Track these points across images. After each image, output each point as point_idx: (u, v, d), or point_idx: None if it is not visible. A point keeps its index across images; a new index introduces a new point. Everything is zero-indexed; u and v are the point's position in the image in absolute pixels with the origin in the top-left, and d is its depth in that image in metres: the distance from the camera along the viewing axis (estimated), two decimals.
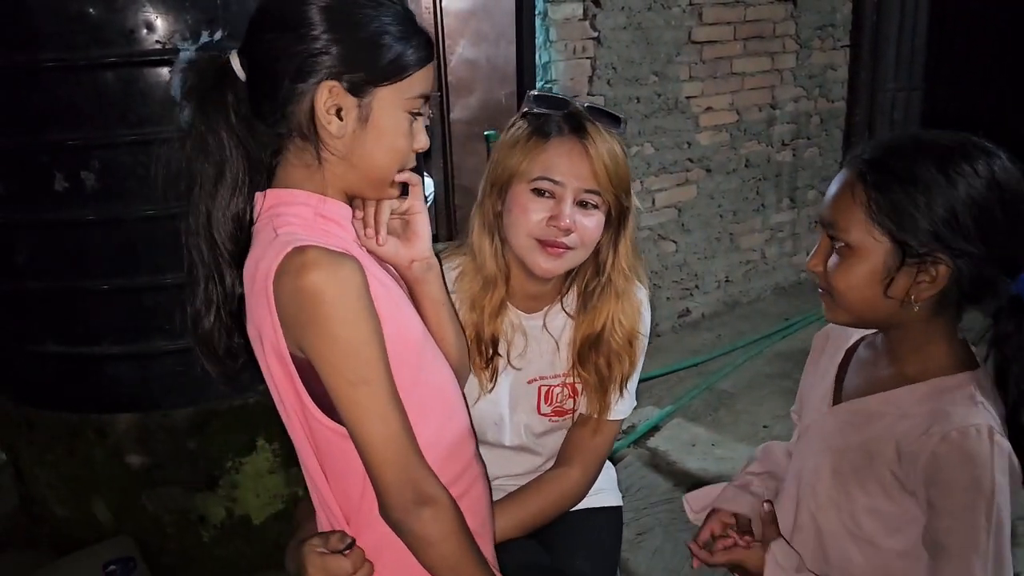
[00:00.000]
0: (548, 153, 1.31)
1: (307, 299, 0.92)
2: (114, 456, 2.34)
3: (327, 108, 0.97)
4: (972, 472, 0.99)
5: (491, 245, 1.39)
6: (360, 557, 1.05)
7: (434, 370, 1.11)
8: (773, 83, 4.19)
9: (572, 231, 1.31)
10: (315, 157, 1.00)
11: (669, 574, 2.41)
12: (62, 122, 2.08)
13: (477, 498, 1.15)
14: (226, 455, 2.36)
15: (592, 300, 1.41)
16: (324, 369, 0.95)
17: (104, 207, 2.11)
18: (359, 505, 1.05)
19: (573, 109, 1.34)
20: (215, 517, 2.41)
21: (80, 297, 2.21)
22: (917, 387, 1.08)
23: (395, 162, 1.03)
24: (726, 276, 4.30)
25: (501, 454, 1.49)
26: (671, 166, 3.90)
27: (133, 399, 2.29)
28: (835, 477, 1.14)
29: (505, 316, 1.43)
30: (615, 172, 1.32)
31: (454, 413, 1.14)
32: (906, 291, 1.04)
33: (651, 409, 3.34)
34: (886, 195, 1.03)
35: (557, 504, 1.46)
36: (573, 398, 1.46)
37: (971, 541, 0.99)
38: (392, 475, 0.98)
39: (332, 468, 1.05)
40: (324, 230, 1.01)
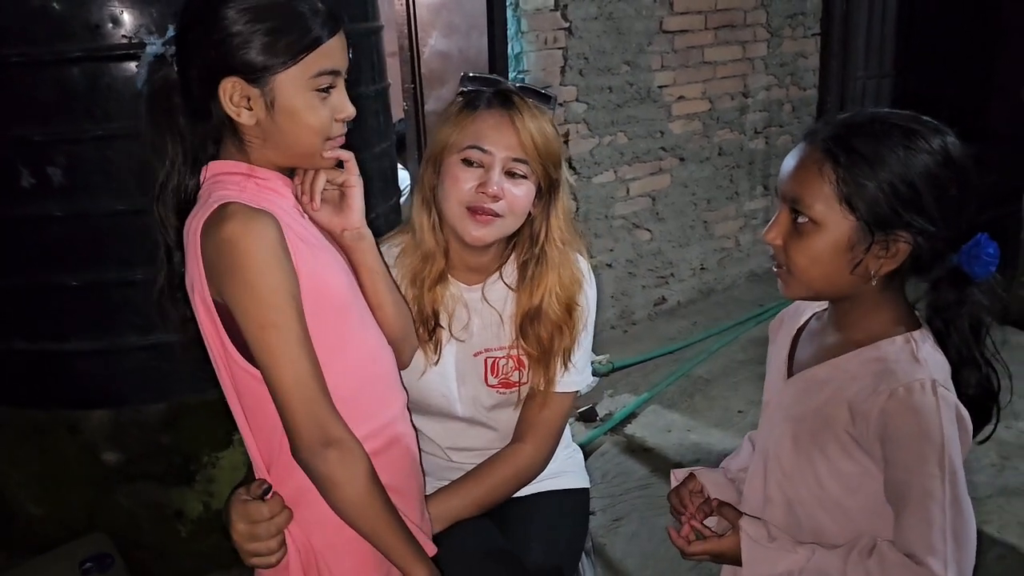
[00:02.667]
0: (477, 124, 1.37)
1: (224, 248, 1.01)
2: (87, 453, 2.33)
3: (235, 102, 1.06)
4: (920, 424, 1.03)
5: (429, 219, 1.43)
6: (278, 503, 1.12)
7: (358, 328, 1.18)
8: (745, 72, 4.21)
9: (500, 198, 1.36)
10: (241, 142, 1.10)
11: (645, 559, 2.43)
12: (27, 117, 2.06)
13: (397, 458, 1.21)
14: (202, 449, 2.36)
15: (528, 273, 1.46)
16: (238, 313, 1.03)
17: (71, 203, 2.10)
18: (279, 454, 1.11)
19: (503, 86, 1.40)
20: (192, 512, 2.41)
21: (48, 293, 2.19)
22: (863, 351, 1.12)
23: (314, 137, 1.10)
24: (701, 264, 4.33)
25: (453, 426, 1.52)
26: (644, 155, 3.92)
27: (105, 395, 2.28)
28: (796, 445, 1.18)
29: (446, 289, 1.47)
30: (543, 144, 1.37)
31: (378, 373, 1.20)
32: (868, 267, 1.07)
33: (627, 396, 3.36)
34: (854, 173, 1.05)
35: (511, 479, 1.48)
36: (519, 370, 1.49)
37: (927, 490, 1.02)
38: (300, 415, 1.04)
39: (253, 416, 1.12)
40: (256, 192, 1.09)
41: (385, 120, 2.76)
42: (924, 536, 1.02)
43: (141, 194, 2.07)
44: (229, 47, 1.03)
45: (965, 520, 1.03)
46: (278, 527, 1.12)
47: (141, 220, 2.09)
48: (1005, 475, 2.67)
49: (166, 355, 2.23)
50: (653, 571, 2.38)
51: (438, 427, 1.52)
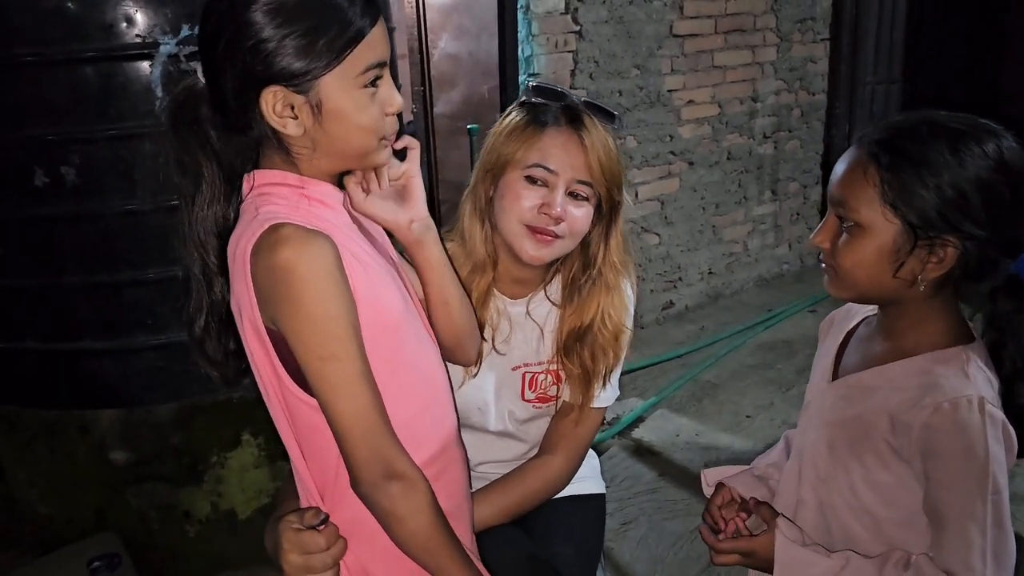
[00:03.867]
0: (544, 142, 1.33)
1: (279, 274, 0.94)
2: (97, 452, 2.33)
3: (278, 112, 0.97)
4: (965, 442, 1.01)
5: (481, 230, 1.40)
6: (334, 533, 1.06)
7: (415, 350, 1.11)
8: (754, 76, 4.21)
9: (562, 220, 1.33)
10: (287, 153, 1.01)
11: (653, 563, 2.43)
12: (41, 117, 2.07)
13: (453, 481, 1.16)
14: (211, 450, 2.36)
15: (581, 293, 1.42)
16: (295, 344, 0.96)
17: (84, 203, 2.10)
18: (334, 481, 1.06)
19: (570, 102, 1.36)
20: (200, 512, 2.41)
21: (61, 293, 2.19)
22: (911, 361, 1.10)
23: (367, 136, 1.02)
24: (709, 268, 4.32)
25: (484, 439, 1.50)
26: (653, 159, 3.91)
27: (116, 395, 2.28)
28: (832, 451, 1.16)
29: (491, 301, 1.44)
30: (608, 166, 1.34)
31: (435, 394, 1.14)
32: (914, 271, 1.06)
33: (635, 400, 3.35)
34: (899, 176, 1.04)
35: (540, 492, 1.47)
36: (557, 385, 1.47)
37: (968, 509, 1.01)
38: (361, 450, 0.99)
39: (307, 443, 1.06)
40: (308, 210, 1.01)
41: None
42: (963, 555, 1.00)
43: (153, 195, 2.11)
44: (263, 54, 0.93)
45: (1006, 540, 1.01)
46: (334, 559, 1.06)
47: (154, 220, 2.13)
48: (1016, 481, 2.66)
49: (177, 355, 2.23)
50: (662, 575, 2.37)
51: (470, 439, 1.49)
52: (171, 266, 2.15)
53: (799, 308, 4.15)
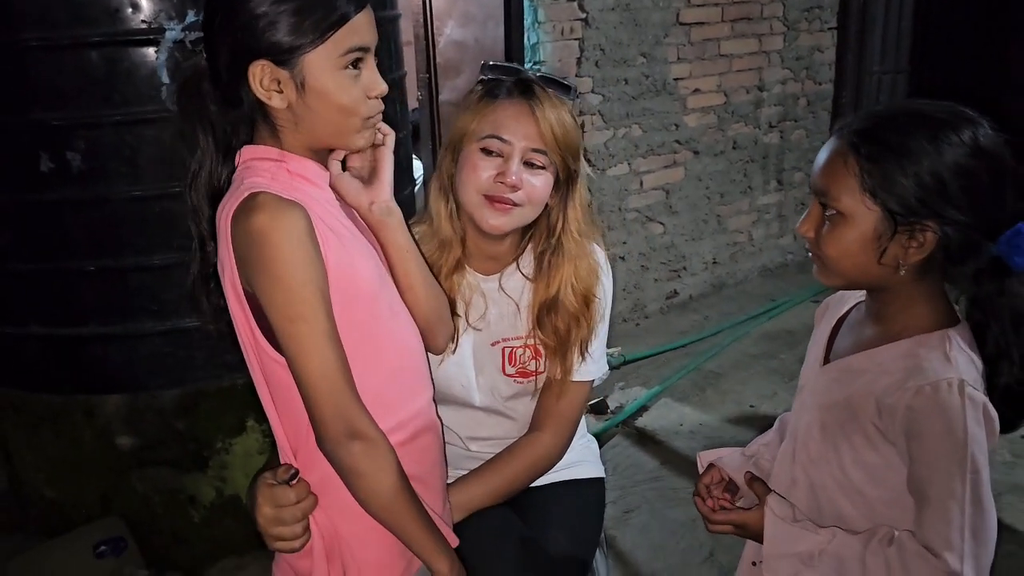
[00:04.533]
0: (497, 113, 1.37)
1: (253, 239, 1.00)
2: (103, 437, 2.34)
3: (264, 85, 1.04)
4: (945, 423, 1.04)
5: (446, 207, 1.43)
6: (304, 488, 1.12)
7: (388, 320, 1.16)
8: (760, 65, 4.20)
9: (519, 188, 1.36)
10: (273, 127, 1.08)
11: (655, 550, 2.44)
12: (46, 102, 2.07)
13: (423, 448, 1.21)
14: (216, 436, 2.37)
15: (545, 263, 1.46)
16: (266, 304, 1.03)
17: (90, 188, 2.10)
18: (306, 440, 1.10)
19: (524, 76, 1.40)
20: (205, 497, 2.42)
21: (66, 278, 2.20)
22: (897, 344, 1.13)
23: (347, 116, 1.08)
24: (713, 258, 4.32)
25: (472, 415, 1.53)
26: (659, 148, 3.91)
27: (121, 380, 2.29)
28: (823, 432, 1.19)
29: (463, 278, 1.47)
30: (563, 135, 1.37)
31: (407, 363, 1.19)
32: (896, 257, 1.09)
33: (638, 390, 3.36)
34: (877, 165, 1.06)
35: (530, 469, 1.49)
36: (536, 359, 1.49)
37: (948, 488, 1.03)
38: (325, 408, 1.04)
39: (280, 403, 1.12)
40: (288, 182, 1.07)
41: (401, 109, 2.76)
42: (942, 532, 1.03)
43: (159, 180, 2.11)
44: (255, 30, 1.01)
45: (985, 518, 1.04)
46: (304, 512, 1.12)
47: (159, 206, 2.13)
48: (1016, 472, 2.67)
49: (182, 341, 2.24)
50: (663, 563, 2.38)
51: (457, 416, 1.52)
52: (176, 252, 2.15)
53: (803, 298, 4.15)
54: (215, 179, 1.11)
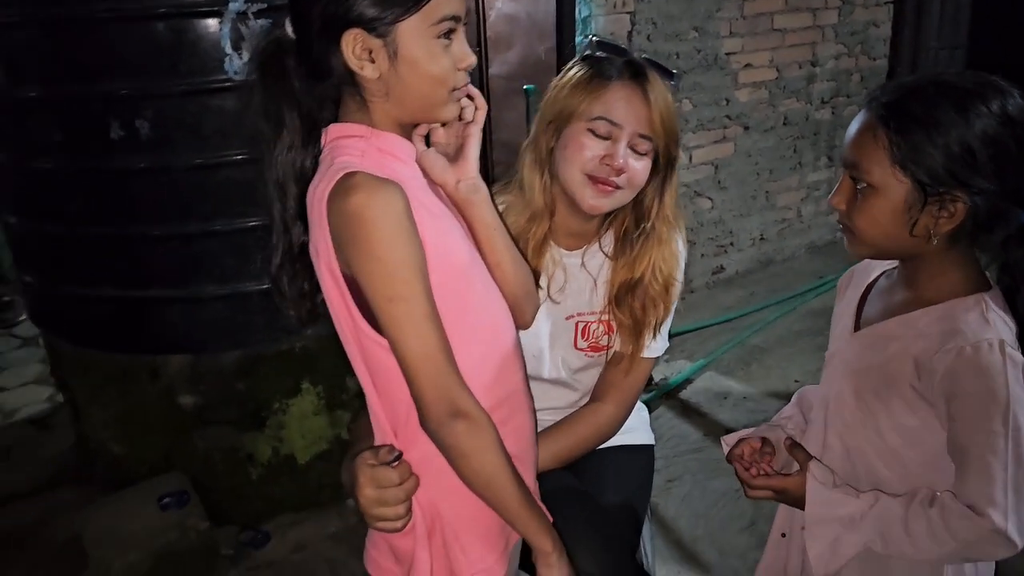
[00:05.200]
0: (609, 95, 1.36)
1: (351, 220, 0.98)
2: (166, 396, 2.44)
3: (357, 55, 1.02)
4: (986, 383, 1.06)
5: (540, 180, 1.44)
6: (406, 469, 1.10)
7: (482, 297, 1.15)
8: (814, 40, 4.15)
9: (623, 172, 1.37)
10: (363, 100, 1.06)
11: (697, 518, 2.48)
12: (116, 72, 2.14)
13: (519, 427, 1.19)
14: (273, 397, 2.46)
15: (634, 246, 1.47)
16: (365, 285, 1.01)
17: (157, 156, 2.18)
18: (406, 420, 1.10)
19: (633, 57, 1.39)
20: (262, 456, 2.52)
21: (133, 243, 2.29)
22: (932, 309, 1.15)
23: (437, 87, 1.06)
24: (761, 234, 4.30)
25: (538, 387, 1.54)
26: (709, 123, 3.89)
27: (184, 342, 2.38)
28: (858, 398, 1.22)
29: (547, 251, 1.49)
30: (668, 122, 1.38)
31: (501, 341, 1.18)
32: (927, 227, 1.11)
33: (683, 363, 3.39)
34: (906, 137, 1.08)
35: (591, 438, 1.53)
36: (608, 335, 1.52)
37: (990, 446, 1.05)
38: (428, 388, 1.03)
39: (380, 383, 1.11)
40: (379, 161, 1.05)
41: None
42: (986, 490, 1.05)
43: (221, 149, 2.18)
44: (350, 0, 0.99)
45: None
46: (407, 493, 1.10)
47: (221, 174, 2.20)
48: None
49: (242, 305, 2.32)
50: (704, 531, 2.42)
51: None
52: (238, 219, 2.23)
53: None
54: (301, 158, 1.09)
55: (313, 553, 2.41)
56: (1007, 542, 1.04)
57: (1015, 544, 1.04)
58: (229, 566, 2.35)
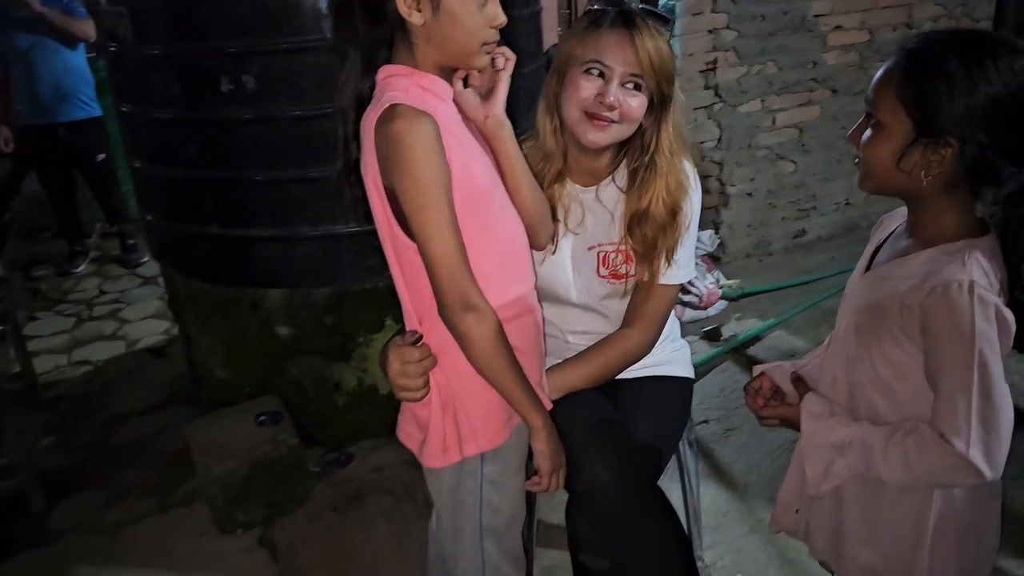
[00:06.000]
0: (600, 41, 1.53)
1: (392, 142, 1.20)
2: (265, 326, 2.71)
3: (407, 4, 1.22)
4: (954, 320, 1.14)
5: (551, 123, 1.62)
6: (426, 350, 1.34)
7: (499, 216, 1.36)
8: (911, 1, 4.06)
9: (615, 107, 1.53)
10: (410, 43, 1.27)
11: (751, 466, 2.59)
12: (227, 31, 2.36)
13: (525, 326, 1.42)
14: (358, 331, 2.69)
15: (638, 178, 1.62)
16: (401, 196, 1.23)
17: (260, 107, 2.40)
18: (429, 311, 1.32)
19: (626, 7, 1.55)
20: (348, 385, 2.76)
21: (238, 186, 2.53)
22: (923, 253, 1.24)
23: (472, 38, 1.26)
24: (846, 199, 4.28)
25: (571, 312, 1.74)
26: (794, 85, 3.90)
27: (281, 277, 2.63)
28: (858, 334, 1.32)
29: (564, 188, 1.66)
30: (658, 62, 1.53)
31: (513, 254, 1.40)
32: (917, 166, 1.19)
33: (754, 321, 3.46)
34: (912, 79, 1.17)
35: (620, 359, 1.69)
36: (627, 263, 1.68)
37: (957, 380, 1.15)
38: (445, 282, 1.25)
39: (409, 279, 1.34)
40: (420, 96, 1.26)
41: (536, 42, 2.93)
42: (951, 419, 1.15)
43: (317, 102, 2.39)
44: None
45: (996, 409, 1.14)
46: (425, 368, 1.34)
47: (317, 125, 2.43)
48: None
49: (332, 246, 2.54)
50: (757, 477, 2.53)
51: (557, 312, 1.74)
52: (330, 166, 2.42)
53: None
54: (360, 88, 1.30)
55: (390, 474, 2.64)
56: (973, 469, 1.13)
57: (982, 472, 1.13)
58: (315, 480, 2.61)
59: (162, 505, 2.65)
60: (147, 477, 2.82)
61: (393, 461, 2.70)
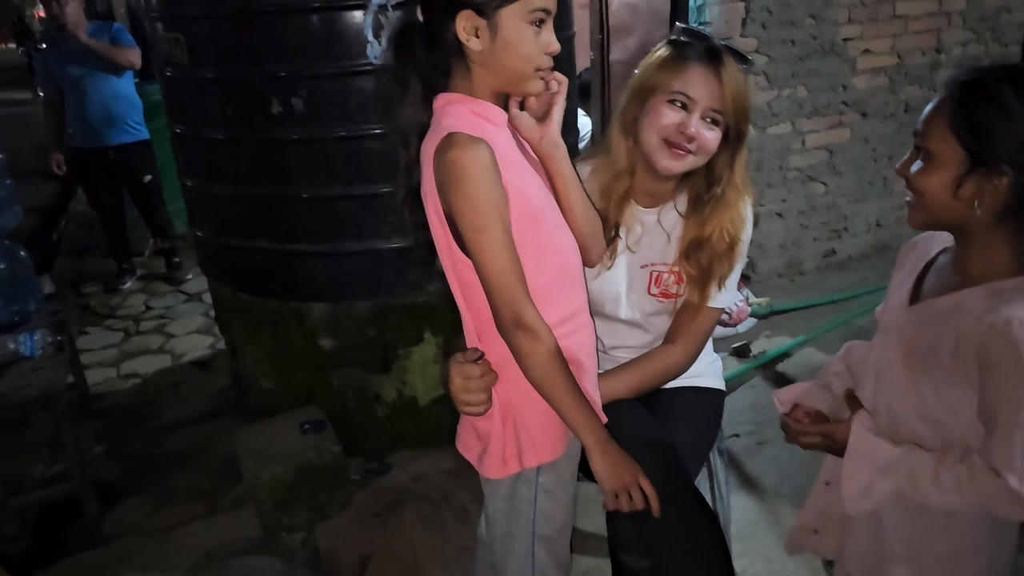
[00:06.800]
0: (688, 74, 1.59)
1: (449, 168, 1.25)
2: (309, 339, 2.81)
3: (466, 31, 1.27)
4: (1015, 356, 1.14)
5: (625, 143, 1.68)
6: (487, 366, 1.39)
7: (553, 234, 1.41)
8: (940, 26, 4.12)
9: (695, 139, 1.60)
10: (467, 69, 1.32)
11: (783, 477, 2.63)
12: (277, 56, 2.49)
13: (582, 341, 1.45)
14: (399, 344, 2.78)
15: (704, 208, 1.68)
16: (458, 219, 1.28)
17: (308, 128, 2.52)
18: (488, 328, 1.37)
19: (713, 43, 1.61)
20: (388, 396, 2.85)
21: (286, 202, 2.65)
22: (977, 289, 1.24)
23: (526, 64, 1.30)
24: (877, 220, 4.32)
25: (617, 327, 1.81)
26: (824, 108, 3.96)
27: (325, 291, 2.73)
28: (906, 367, 1.32)
29: (627, 206, 1.73)
30: (739, 100, 1.60)
31: (567, 271, 1.44)
32: (972, 196, 1.21)
33: (784, 339, 3.51)
34: (966, 109, 1.19)
35: (661, 374, 1.76)
36: (678, 284, 1.74)
37: (1014, 416, 1.14)
38: (499, 300, 1.30)
39: (469, 297, 1.38)
40: (475, 124, 1.31)
41: (568, 66, 3.03)
42: (1005, 454, 1.15)
43: (362, 123, 2.51)
44: None
45: None
46: (487, 384, 1.37)
47: (361, 145, 2.54)
48: None
49: (375, 260, 2.65)
50: (788, 488, 2.58)
51: (604, 326, 1.81)
52: (374, 184, 2.55)
53: None
54: (420, 114, 1.35)
55: (429, 483, 2.71)
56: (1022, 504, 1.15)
57: None
58: (356, 487, 2.69)
59: (210, 510, 2.75)
60: (195, 484, 2.92)
61: (431, 470, 2.77)
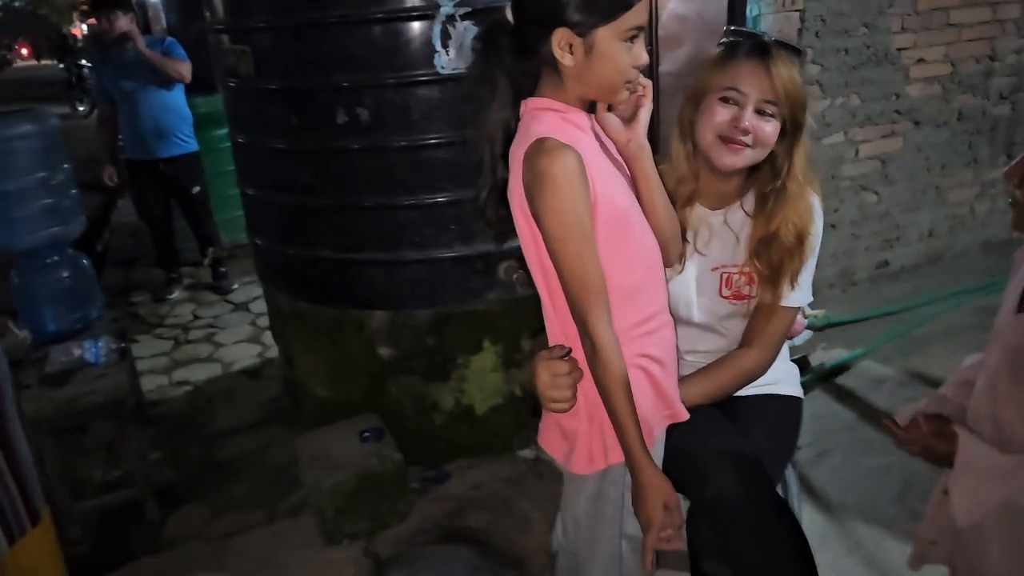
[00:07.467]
0: (736, 69, 1.59)
1: (538, 174, 1.28)
2: (368, 346, 2.82)
3: (561, 47, 1.29)
4: None
5: (685, 148, 1.69)
6: (574, 363, 1.41)
7: (639, 234, 1.43)
8: (994, 34, 4.08)
9: (749, 132, 1.59)
10: (558, 78, 1.35)
11: (846, 488, 2.60)
12: (342, 67, 2.51)
13: (665, 337, 1.49)
14: (458, 352, 2.78)
15: (768, 203, 1.67)
16: (541, 225, 1.31)
17: (373, 137, 2.54)
18: (573, 325, 1.38)
19: (761, 38, 1.62)
20: (446, 405, 2.85)
21: (349, 211, 2.67)
22: None
23: (618, 77, 1.33)
24: (930, 229, 4.27)
25: (691, 331, 1.79)
26: (877, 117, 3.92)
27: (385, 299, 2.75)
28: (1013, 374, 1.31)
29: (693, 210, 1.73)
30: (792, 90, 1.58)
31: (653, 270, 1.47)
32: None
33: (841, 351, 3.46)
34: None
35: (738, 378, 1.73)
36: (750, 285, 1.73)
37: None
38: (574, 306, 1.34)
39: (555, 295, 1.40)
40: (564, 130, 1.33)
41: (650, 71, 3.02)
42: None
43: (426, 133, 2.52)
44: (563, 5, 1.28)
45: None
46: (574, 381, 1.40)
47: (425, 155, 2.56)
48: None
49: (436, 269, 2.66)
50: (853, 499, 2.54)
51: (681, 332, 1.79)
52: (437, 193, 2.57)
53: None
54: (507, 116, 1.39)
55: (488, 492, 2.71)
56: None
57: None
58: (415, 496, 2.69)
59: (269, 516, 2.76)
60: (252, 490, 2.94)
61: (490, 479, 2.77)
